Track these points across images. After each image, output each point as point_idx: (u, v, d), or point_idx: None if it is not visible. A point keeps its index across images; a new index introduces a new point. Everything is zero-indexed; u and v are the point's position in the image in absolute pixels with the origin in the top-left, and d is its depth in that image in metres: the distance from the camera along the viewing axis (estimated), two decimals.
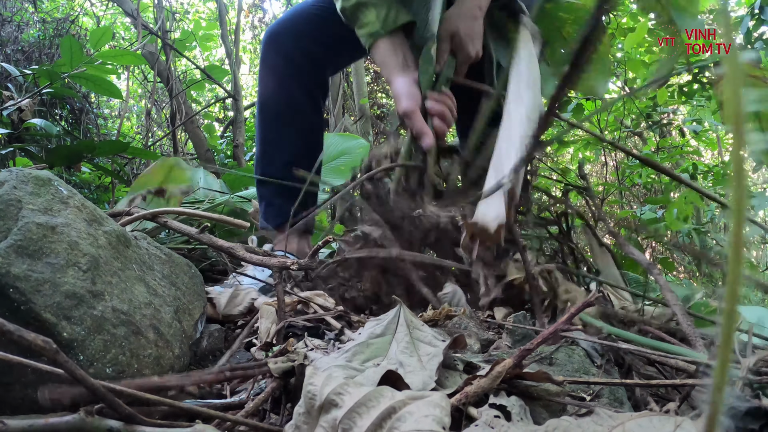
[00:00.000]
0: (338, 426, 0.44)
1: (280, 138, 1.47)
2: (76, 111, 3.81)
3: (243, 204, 2.11)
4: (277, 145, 1.47)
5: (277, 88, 1.46)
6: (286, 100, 1.45)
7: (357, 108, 5.07)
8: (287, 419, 0.55)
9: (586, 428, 0.46)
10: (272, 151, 1.48)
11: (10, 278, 0.57)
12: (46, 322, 0.57)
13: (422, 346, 0.61)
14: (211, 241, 1.00)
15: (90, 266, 0.64)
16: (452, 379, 0.58)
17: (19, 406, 0.57)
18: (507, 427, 0.47)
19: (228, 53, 5.17)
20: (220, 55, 7.56)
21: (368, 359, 0.60)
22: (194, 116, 4.64)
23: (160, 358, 0.67)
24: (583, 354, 0.69)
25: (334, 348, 0.72)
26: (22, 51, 3.82)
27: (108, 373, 0.60)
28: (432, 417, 0.43)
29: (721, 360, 0.25)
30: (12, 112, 2.14)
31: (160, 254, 0.82)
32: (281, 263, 0.90)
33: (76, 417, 0.44)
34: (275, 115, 1.47)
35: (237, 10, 5.87)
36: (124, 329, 0.63)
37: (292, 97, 1.44)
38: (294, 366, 0.59)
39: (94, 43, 2.29)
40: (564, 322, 0.59)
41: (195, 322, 0.79)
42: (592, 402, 0.58)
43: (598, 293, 0.73)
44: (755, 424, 0.46)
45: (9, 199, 0.64)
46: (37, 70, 2.27)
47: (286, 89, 1.45)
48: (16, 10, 4.14)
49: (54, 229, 0.64)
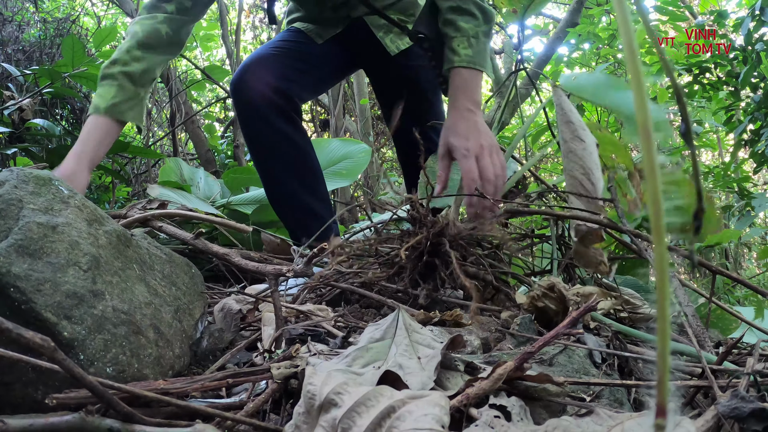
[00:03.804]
0: (338, 425, 0.44)
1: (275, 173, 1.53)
2: (77, 111, 3.81)
3: (242, 206, 2.11)
4: (275, 179, 1.54)
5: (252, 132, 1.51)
6: (265, 141, 1.50)
7: (357, 109, 5.07)
8: (287, 419, 0.55)
9: (585, 428, 0.46)
10: (274, 184, 1.55)
11: (10, 277, 0.57)
12: (46, 321, 0.57)
13: (421, 348, 0.61)
14: (206, 246, 0.99)
15: (90, 266, 0.64)
16: (453, 381, 0.58)
17: (20, 405, 0.57)
18: (507, 427, 0.47)
19: (229, 53, 5.17)
20: (221, 56, 7.57)
21: (368, 363, 0.60)
22: (194, 116, 4.64)
23: (161, 357, 0.67)
24: (583, 355, 0.69)
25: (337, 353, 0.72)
26: (23, 51, 3.82)
27: (108, 372, 0.60)
28: (431, 416, 0.43)
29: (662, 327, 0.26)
30: (12, 112, 2.14)
31: (160, 254, 0.82)
32: (276, 270, 0.90)
33: (76, 416, 0.44)
34: (261, 154, 1.53)
35: (238, 11, 5.88)
36: (124, 329, 0.63)
37: (268, 136, 1.49)
38: (297, 372, 0.59)
39: (98, 43, 2.29)
40: (566, 326, 0.59)
41: (195, 322, 0.79)
42: (592, 402, 0.58)
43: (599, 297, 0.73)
44: (759, 426, 0.46)
45: (10, 198, 0.64)
46: (38, 69, 2.27)
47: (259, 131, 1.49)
48: (17, 9, 4.14)
49: (55, 228, 0.64)
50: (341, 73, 1.83)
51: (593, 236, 1.02)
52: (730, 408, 0.48)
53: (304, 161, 1.52)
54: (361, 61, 1.72)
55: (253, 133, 1.50)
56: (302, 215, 1.51)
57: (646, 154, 0.26)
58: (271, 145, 1.49)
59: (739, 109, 4.21)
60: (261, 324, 0.88)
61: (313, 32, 1.61)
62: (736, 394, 0.50)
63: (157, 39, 1.44)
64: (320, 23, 1.62)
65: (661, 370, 0.28)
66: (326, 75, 1.67)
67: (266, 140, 1.48)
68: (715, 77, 4.27)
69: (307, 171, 1.53)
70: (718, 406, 0.50)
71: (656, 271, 0.28)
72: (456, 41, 1.31)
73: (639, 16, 0.30)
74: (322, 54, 1.59)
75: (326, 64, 1.62)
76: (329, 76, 1.72)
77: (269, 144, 1.49)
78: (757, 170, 4.34)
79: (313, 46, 1.59)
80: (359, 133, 4.93)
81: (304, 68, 1.55)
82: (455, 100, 1.30)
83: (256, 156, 1.54)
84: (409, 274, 0.98)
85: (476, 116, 1.28)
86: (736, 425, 0.49)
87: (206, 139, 4.68)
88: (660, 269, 0.27)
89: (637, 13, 0.30)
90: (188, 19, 1.50)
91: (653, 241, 0.27)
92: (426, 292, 0.95)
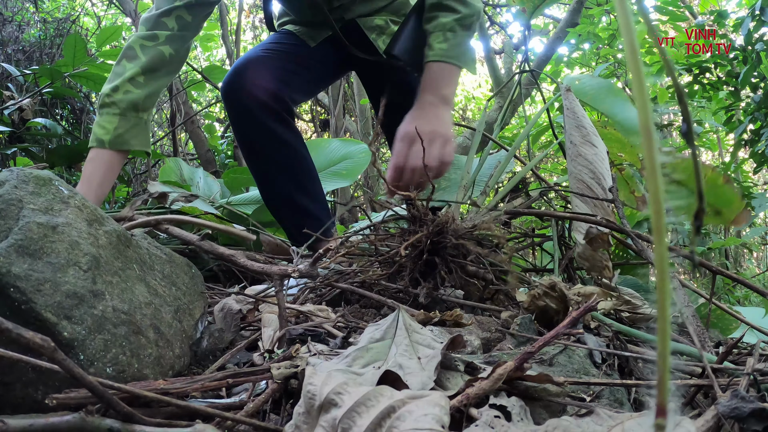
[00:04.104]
0: (338, 425, 0.44)
1: (270, 176, 1.52)
2: (77, 111, 3.81)
3: (242, 206, 2.11)
4: (270, 182, 1.53)
5: (245, 135, 1.49)
6: (258, 144, 1.48)
7: (357, 109, 5.07)
8: (287, 419, 0.55)
9: (585, 428, 0.46)
10: (268, 187, 1.54)
11: (10, 278, 0.57)
12: (46, 321, 0.57)
13: (421, 348, 0.61)
14: (212, 248, 0.99)
15: (90, 266, 0.64)
16: (454, 381, 0.58)
17: (20, 405, 0.57)
18: (507, 427, 0.47)
19: (229, 53, 5.18)
20: (221, 56, 7.57)
21: (368, 363, 0.60)
22: (194, 116, 4.64)
23: (161, 357, 0.67)
24: (583, 355, 0.69)
25: (337, 353, 0.72)
26: (23, 51, 3.82)
27: (108, 372, 0.60)
28: (431, 415, 0.43)
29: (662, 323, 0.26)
30: (13, 112, 2.14)
31: (160, 254, 0.82)
32: (281, 270, 0.90)
33: (76, 416, 0.44)
34: (255, 157, 1.52)
35: (238, 11, 5.88)
36: (124, 329, 0.63)
37: (262, 139, 1.47)
38: (297, 372, 0.59)
39: (101, 43, 2.29)
40: (566, 326, 0.59)
41: (195, 322, 0.79)
42: (592, 402, 0.58)
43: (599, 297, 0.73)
44: (759, 426, 0.46)
45: (10, 198, 0.64)
46: (38, 69, 2.27)
47: (252, 134, 1.48)
48: (17, 10, 4.14)
49: (55, 228, 0.64)
50: (334, 74, 1.82)
51: (601, 240, 1.03)
52: (730, 408, 0.48)
53: (298, 163, 1.51)
54: (353, 62, 1.71)
55: (246, 136, 1.48)
56: (298, 217, 1.50)
57: (647, 153, 0.26)
58: (264, 147, 1.47)
59: (739, 109, 4.21)
60: (261, 325, 0.88)
61: (305, 35, 1.60)
62: (736, 394, 0.50)
63: (161, 62, 1.42)
64: (312, 27, 1.61)
65: (661, 370, 0.28)
66: (319, 76, 1.66)
67: (259, 143, 1.47)
68: (715, 77, 4.27)
69: (302, 173, 1.52)
70: (718, 406, 0.50)
71: (656, 271, 0.28)
72: (432, 36, 1.32)
73: (640, 16, 0.30)
74: (314, 56, 1.59)
75: (318, 66, 1.61)
76: (322, 78, 1.71)
77: (262, 146, 1.47)
78: (757, 170, 4.34)
79: (305, 48, 1.58)
80: (359, 133, 4.93)
81: (296, 70, 1.54)
82: (420, 94, 1.30)
83: (249, 159, 1.53)
84: (410, 273, 0.98)
85: (437, 109, 1.27)
86: (736, 425, 0.49)
87: (206, 139, 4.68)
88: (660, 269, 0.27)
89: (638, 12, 0.30)
90: (189, 35, 1.48)
91: (653, 241, 0.27)
92: (426, 291, 0.95)
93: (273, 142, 1.46)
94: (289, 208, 1.51)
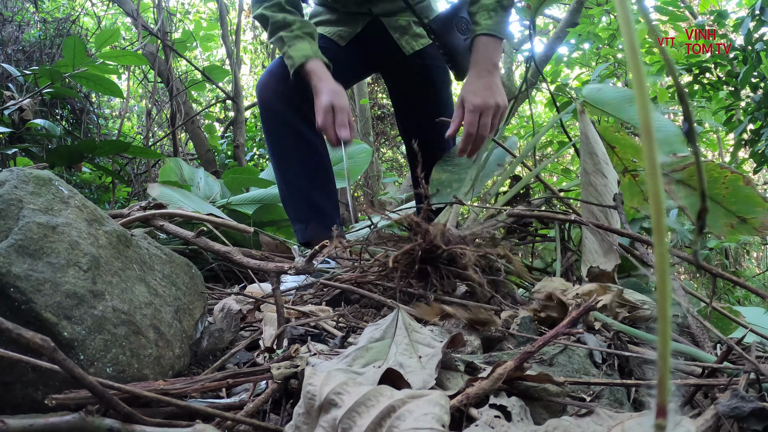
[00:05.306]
0: (338, 425, 0.44)
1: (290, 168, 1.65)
2: (77, 111, 3.81)
3: (242, 206, 2.11)
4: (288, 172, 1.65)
5: (271, 131, 1.64)
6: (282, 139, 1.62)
7: (358, 109, 5.07)
8: (287, 419, 0.55)
9: (585, 428, 0.46)
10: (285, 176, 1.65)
11: (10, 278, 0.57)
12: (46, 321, 0.57)
13: (421, 347, 0.61)
14: (207, 245, 0.99)
15: (90, 266, 0.64)
16: (454, 381, 0.58)
17: (20, 405, 0.57)
18: (507, 427, 0.47)
19: (229, 53, 5.17)
20: (221, 56, 7.57)
21: (368, 363, 0.60)
22: (195, 116, 4.64)
23: (161, 357, 0.67)
24: (583, 355, 0.69)
25: (337, 353, 0.72)
26: (23, 51, 3.82)
27: (108, 372, 0.60)
28: (431, 415, 0.43)
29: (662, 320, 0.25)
30: (13, 112, 2.14)
31: (160, 254, 0.82)
32: (278, 268, 0.90)
33: (76, 416, 0.44)
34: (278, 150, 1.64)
35: (238, 11, 5.88)
36: (124, 329, 0.63)
37: (285, 135, 1.61)
38: (297, 372, 0.59)
39: (100, 44, 2.29)
40: (566, 326, 0.59)
41: (195, 322, 0.79)
42: (592, 402, 0.58)
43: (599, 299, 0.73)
44: (759, 425, 0.46)
45: (10, 198, 0.64)
46: (38, 69, 2.27)
47: (277, 129, 1.62)
48: (17, 10, 4.14)
49: (55, 228, 0.64)
50: (359, 75, 1.99)
51: (605, 277, 1.06)
52: (730, 407, 0.48)
53: (320, 162, 1.64)
54: (378, 62, 1.83)
55: (275, 134, 1.62)
56: (306, 207, 1.60)
57: (647, 153, 0.26)
58: (289, 145, 1.60)
59: (739, 109, 4.21)
60: (262, 324, 0.88)
61: (336, 35, 1.72)
62: (736, 394, 0.50)
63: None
64: (342, 21, 1.73)
65: (662, 370, 0.28)
66: (346, 77, 1.74)
67: (286, 140, 1.60)
68: (715, 77, 4.27)
69: (319, 168, 1.63)
70: (718, 405, 0.50)
71: (657, 272, 0.28)
72: (478, 15, 1.48)
73: (640, 16, 0.30)
74: (343, 57, 1.69)
75: (347, 67, 1.72)
76: (348, 79, 1.80)
77: (288, 144, 1.60)
78: (757, 170, 4.34)
79: (335, 50, 1.69)
80: (359, 133, 4.93)
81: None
82: (475, 63, 1.46)
83: (274, 155, 1.65)
84: (399, 281, 0.98)
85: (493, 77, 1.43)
86: (736, 425, 0.49)
87: (206, 139, 4.68)
88: (660, 270, 0.27)
89: (638, 12, 0.30)
90: None
91: (654, 241, 0.27)
92: (418, 296, 0.95)
93: (299, 142, 1.60)
94: (300, 197, 1.62)
